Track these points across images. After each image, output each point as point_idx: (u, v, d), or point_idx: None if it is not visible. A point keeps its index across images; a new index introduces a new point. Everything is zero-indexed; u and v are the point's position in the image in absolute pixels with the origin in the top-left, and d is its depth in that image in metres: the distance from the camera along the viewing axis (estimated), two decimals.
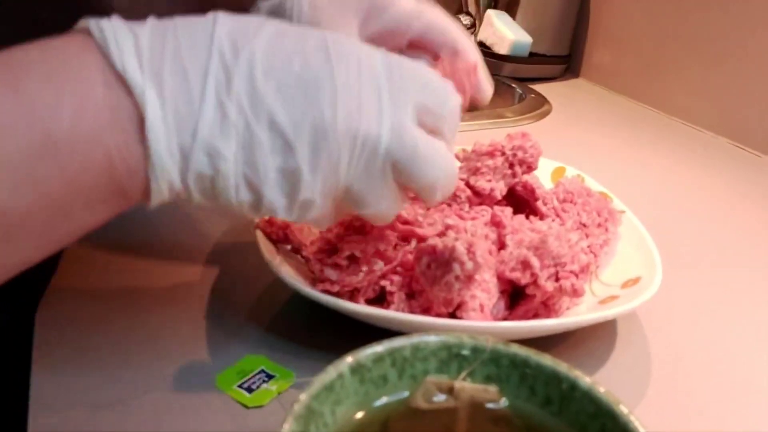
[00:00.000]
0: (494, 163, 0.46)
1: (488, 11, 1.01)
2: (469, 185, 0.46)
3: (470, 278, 0.35)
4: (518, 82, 0.99)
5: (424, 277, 0.36)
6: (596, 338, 0.41)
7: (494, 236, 0.42)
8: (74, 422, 0.32)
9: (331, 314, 0.37)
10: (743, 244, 0.56)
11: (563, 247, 0.38)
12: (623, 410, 0.23)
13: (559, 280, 0.38)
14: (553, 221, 0.46)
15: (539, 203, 0.46)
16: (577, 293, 0.37)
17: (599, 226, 0.46)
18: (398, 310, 0.37)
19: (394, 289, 0.38)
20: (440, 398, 0.26)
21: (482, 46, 1.01)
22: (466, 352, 0.26)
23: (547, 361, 0.25)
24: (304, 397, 0.22)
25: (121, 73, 0.25)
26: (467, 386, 0.26)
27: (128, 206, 0.28)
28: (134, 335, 0.38)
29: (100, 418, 0.32)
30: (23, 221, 0.25)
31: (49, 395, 0.34)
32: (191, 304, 0.42)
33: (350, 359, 0.24)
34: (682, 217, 0.61)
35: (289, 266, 0.39)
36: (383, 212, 0.32)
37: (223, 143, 0.26)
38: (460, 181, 0.47)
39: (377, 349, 0.25)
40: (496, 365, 0.26)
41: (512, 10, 1.00)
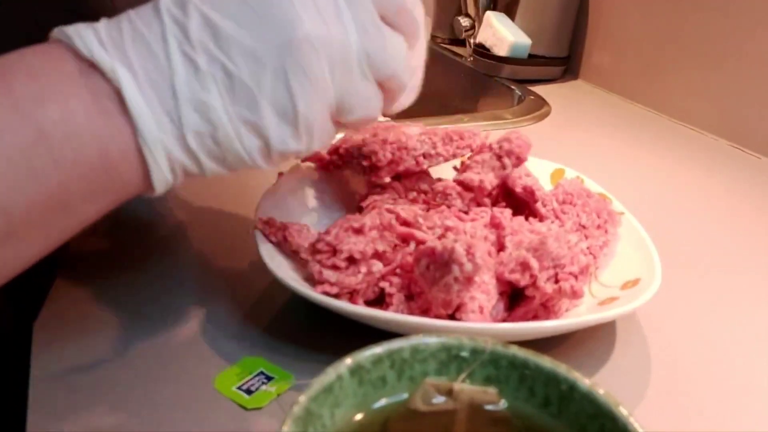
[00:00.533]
0: (482, 157, 0.47)
1: (487, 13, 1.01)
2: (457, 181, 0.47)
3: (469, 280, 0.35)
4: (517, 83, 0.99)
5: (423, 278, 0.36)
6: (596, 339, 0.41)
7: (493, 238, 0.42)
8: (73, 423, 0.32)
9: (330, 316, 0.37)
10: (743, 245, 0.56)
11: (562, 248, 0.38)
12: (623, 411, 0.23)
13: (558, 281, 0.38)
14: (552, 223, 0.46)
15: (538, 205, 0.46)
16: (576, 295, 0.37)
17: (599, 227, 0.46)
18: (397, 311, 0.37)
19: (393, 290, 0.38)
20: (439, 400, 0.26)
21: (481, 47, 1.02)
22: (465, 353, 0.26)
23: (546, 362, 0.25)
24: (303, 398, 0.22)
25: (89, 57, 0.26)
26: (466, 388, 0.26)
27: (129, 194, 0.29)
28: (133, 337, 0.38)
29: (98, 419, 0.32)
30: (25, 217, 0.25)
31: (47, 396, 0.34)
32: (190, 305, 0.42)
33: (349, 361, 0.24)
34: (681, 218, 0.61)
35: (288, 268, 0.39)
36: (371, 113, 0.33)
37: (205, 94, 0.27)
38: (449, 180, 0.47)
39: (376, 350, 0.25)
40: (495, 367, 0.26)
41: (511, 11, 1.00)
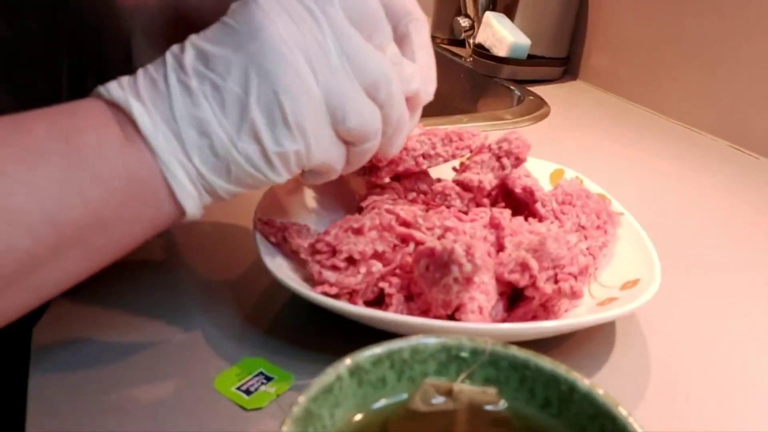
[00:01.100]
0: (481, 158, 0.47)
1: (487, 13, 1.01)
2: (456, 181, 0.47)
3: (469, 280, 0.35)
4: (517, 84, 0.99)
5: (422, 279, 0.36)
6: (595, 340, 0.41)
7: (493, 238, 0.42)
8: (72, 424, 0.32)
9: (329, 316, 0.37)
10: (742, 245, 0.56)
11: (562, 249, 0.38)
12: (622, 412, 0.23)
13: (557, 282, 0.38)
14: (552, 223, 0.46)
15: (538, 205, 0.46)
16: (575, 295, 0.37)
17: (598, 228, 0.46)
18: (397, 312, 0.37)
19: (392, 291, 0.38)
20: (439, 400, 0.26)
21: (481, 48, 1.02)
22: (465, 354, 0.26)
23: (546, 363, 0.25)
24: (302, 399, 0.22)
25: (109, 97, 0.30)
26: (466, 388, 0.26)
27: (164, 217, 0.31)
28: (132, 337, 0.38)
29: (98, 419, 0.32)
30: (73, 233, 0.28)
31: (47, 398, 0.34)
32: (190, 305, 0.42)
33: (349, 361, 0.24)
34: (680, 218, 0.61)
35: (287, 268, 0.39)
36: (367, 120, 0.33)
37: (198, 110, 0.30)
38: (448, 180, 0.47)
39: (376, 351, 0.25)
40: (495, 367, 0.26)
41: (511, 12, 1.00)
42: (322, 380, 0.23)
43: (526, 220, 0.45)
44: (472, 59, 1.05)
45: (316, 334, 0.39)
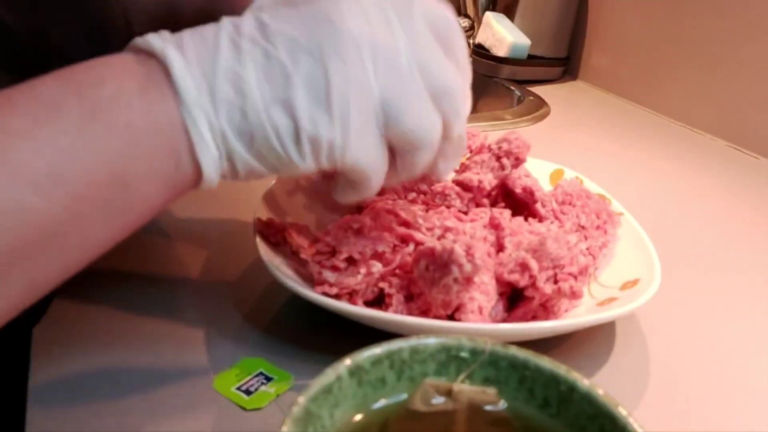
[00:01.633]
0: (480, 158, 0.47)
1: (487, 13, 1.01)
2: (456, 181, 0.47)
3: (469, 280, 0.35)
4: (517, 84, 0.99)
5: (422, 279, 0.36)
6: (595, 340, 0.41)
7: (493, 238, 0.42)
8: (72, 424, 0.32)
9: (329, 316, 0.37)
10: (741, 245, 0.56)
11: (562, 249, 0.38)
12: (622, 412, 0.23)
13: (557, 282, 0.38)
14: (551, 223, 0.46)
15: (538, 205, 0.46)
16: (575, 295, 0.37)
17: (598, 228, 0.46)
18: (397, 312, 0.37)
19: (392, 291, 0.38)
20: (439, 400, 0.26)
21: (481, 48, 1.02)
22: (464, 354, 0.26)
23: (545, 363, 0.25)
24: (302, 399, 0.22)
25: (146, 47, 0.28)
26: (466, 388, 0.26)
27: (184, 177, 0.29)
28: (132, 337, 0.38)
29: (97, 420, 0.32)
30: (85, 190, 0.26)
31: (47, 398, 0.34)
32: (189, 306, 0.42)
33: (348, 361, 0.24)
34: (680, 218, 0.61)
35: (287, 268, 0.39)
36: (424, 126, 0.31)
37: (241, 68, 0.28)
38: (448, 180, 0.47)
39: (376, 351, 0.25)
40: (494, 367, 0.26)
41: (511, 12, 1.01)
42: (321, 380, 0.23)
43: (526, 220, 0.45)
44: (471, 59, 1.05)
45: (316, 334, 0.39)
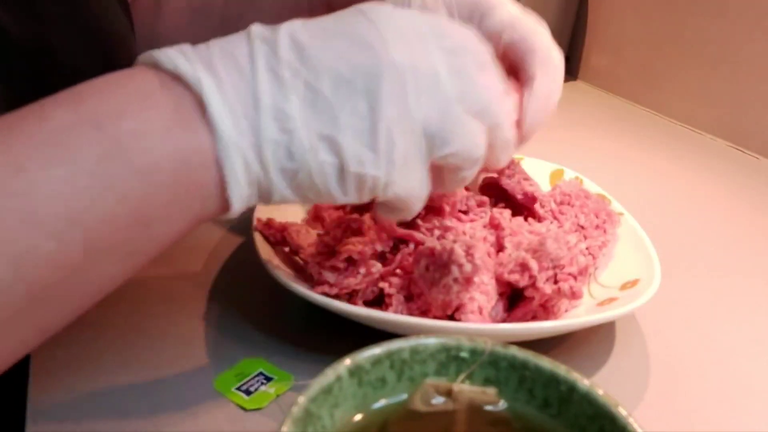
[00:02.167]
0: None
1: None
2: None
3: (469, 280, 0.35)
4: None
5: (422, 279, 0.36)
6: (595, 340, 0.41)
7: (493, 239, 0.42)
8: (72, 424, 0.32)
9: (329, 316, 0.37)
10: (741, 246, 0.56)
11: (561, 249, 0.38)
12: (622, 412, 0.23)
13: (557, 282, 0.38)
14: (551, 224, 0.46)
15: (536, 206, 0.46)
16: (575, 295, 0.37)
17: (597, 228, 0.46)
18: (397, 312, 0.37)
19: (392, 291, 0.38)
20: (439, 401, 0.26)
21: None
22: (464, 354, 0.26)
23: (545, 363, 0.25)
24: (302, 399, 0.22)
25: (174, 71, 0.26)
26: (466, 389, 0.26)
27: (208, 212, 0.28)
28: (132, 338, 0.38)
29: (97, 420, 0.32)
30: (106, 232, 0.25)
31: (46, 398, 0.34)
32: (190, 306, 0.42)
33: (348, 362, 0.24)
34: (680, 219, 0.61)
35: (287, 269, 0.39)
36: (470, 146, 0.30)
37: (286, 104, 0.26)
38: None
39: (375, 351, 0.25)
40: (494, 367, 0.26)
41: None
42: (321, 381, 0.23)
43: (525, 220, 0.45)
44: None
45: (316, 334, 0.39)
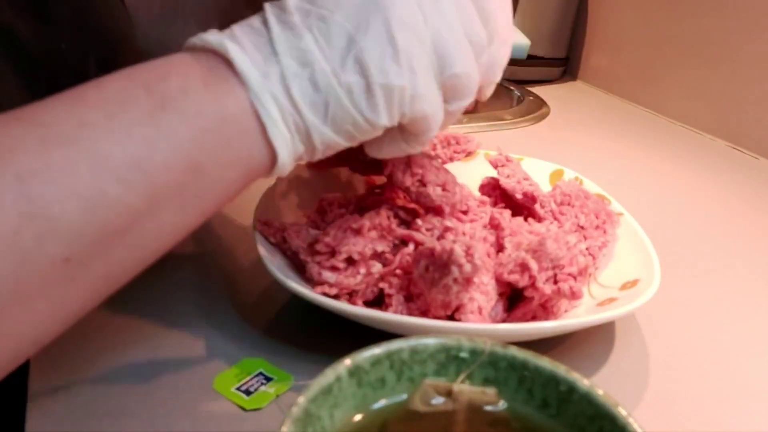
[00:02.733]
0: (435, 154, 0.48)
1: None
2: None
3: (468, 281, 0.35)
4: (516, 84, 0.99)
5: (422, 279, 0.36)
6: (595, 340, 0.41)
7: (492, 239, 0.42)
8: (71, 424, 0.32)
9: (329, 317, 0.37)
10: (741, 245, 0.56)
11: (561, 249, 0.38)
12: (622, 412, 0.23)
13: (557, 282, 0.38)
14: (551, 224, 0.46)
15: (536, 206, 0.46)
16: (575, 296, 0.37)
17: (597, 228, 0.46)
18: (396, 312, 0.37)
19: (392, 291, 0.38)
20: (438, 401, 0.26)
21: None
22: (464, 354, 0.26)
23: (545, 363, 0.25)
24: (302, 400, 0.22)
25: (202, 44, 0.29)
26: (465, 389, 0.26)
27: (256, 162, 0.30)
28: (132, 338, 0.38)
29: (97, 420, 0.32)
30: (164, 179, 0.27)
31: (46, 398, 0.34)
32: (189, 306, 0.42)
33: (348, 362, 0.24)
34: (680, 219, 0.61)
35: (287, 268, 0.39)
36: (470, 73, 0.33)
37: (300, 42, 0.29)
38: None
39: (375, 351, 0.25)
40: (494, 368, 0.26)
41: None
42: (321, 381, 0.23)
43: (525, 220, 0.45)
44: None
45: (315, 334, 0.39)
